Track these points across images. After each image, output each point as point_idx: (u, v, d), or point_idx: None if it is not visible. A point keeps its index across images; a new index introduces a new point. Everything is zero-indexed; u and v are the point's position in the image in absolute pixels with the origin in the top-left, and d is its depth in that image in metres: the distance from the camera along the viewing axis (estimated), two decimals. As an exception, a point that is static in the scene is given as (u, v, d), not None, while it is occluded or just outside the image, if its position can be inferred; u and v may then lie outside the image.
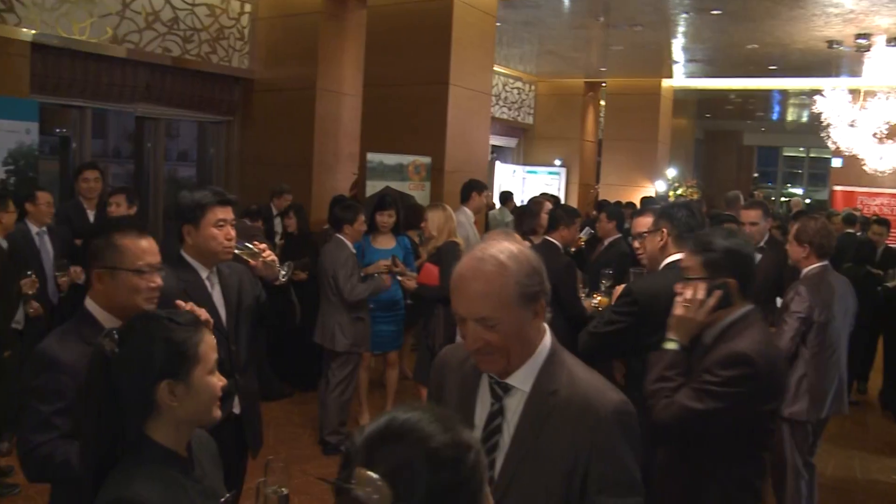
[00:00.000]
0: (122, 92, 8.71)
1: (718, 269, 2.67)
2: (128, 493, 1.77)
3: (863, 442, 6.95)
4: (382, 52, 8.70)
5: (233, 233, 3.29)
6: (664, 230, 3.45)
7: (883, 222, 8.90)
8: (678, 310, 2.71)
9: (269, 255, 3.36)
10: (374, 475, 1.13)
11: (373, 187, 8.04)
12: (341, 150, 9.95)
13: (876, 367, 8.55)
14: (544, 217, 6.76)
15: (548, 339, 2.00)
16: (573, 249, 6.84)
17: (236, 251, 3.31)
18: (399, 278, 6.03)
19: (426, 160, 8.33)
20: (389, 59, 8.61)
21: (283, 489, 2.15)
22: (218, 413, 2.00)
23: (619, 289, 3.63)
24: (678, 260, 3.37)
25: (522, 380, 1.95)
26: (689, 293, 2.65)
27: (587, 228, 7.64)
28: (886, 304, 7.95)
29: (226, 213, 3.28)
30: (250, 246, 3.35)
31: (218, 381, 1.98)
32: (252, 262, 3.35)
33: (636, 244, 4.58)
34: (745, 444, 2.63)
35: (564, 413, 1.89)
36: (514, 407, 1.95)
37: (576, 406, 1.89)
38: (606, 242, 6.59)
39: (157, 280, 2.61)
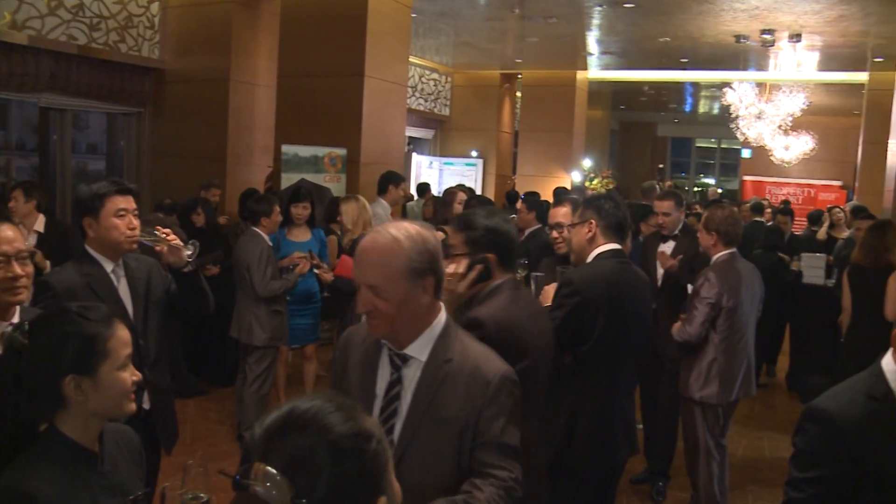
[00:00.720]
0: (24, 81, 8.36)
1: (479, 245, 2.84)
2: (19, 483, 1.76)
3: (771, 422, 7.19)
4: (297, 42, 8.59)
5: (135, 222, 3.20)
6: (592, 222, 3.50)
7: (786, 211, 9.19)
8: None
9: (174, 239, 3.27)
10: (273, 470, 1.11)
11: (288, 180, 7.95)
12: (256, 143, 9.80)
13: (783, 350, 8.85)
14: (457, 207, 6.81)
15: (443, 315, 2.19)
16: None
17: (140, 238, 3.22)
18: (316, 271, 5.97)
19: (342, 152, 8.27)
20: (304, 50, 8.51)
21: (202, 495, 2.10)
22: (131, 407, 1.99)
23: (550, 289, 3.65)
24: (611, 250, 3.48)
25: (419, 350, 2.13)
26: (451, 268, 2.79)
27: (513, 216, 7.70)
28: (793, 290, 8.23)
29: (126, 203, 3.19)
30: (155, 233, 3.26)
31: (130, 375, 1.96)
32: (157, 247, 3.27)
33: (554, 234, 4.64)
34: None
35: (457, 378, 2.08)
36: (411, 375, 2.13)
37: (467, 372, 2.10)
38: (527, 233, 6.64)
39: (17, 270, 2.51)
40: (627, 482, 5.53)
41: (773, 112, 14.19)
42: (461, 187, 7.27)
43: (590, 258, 3.53)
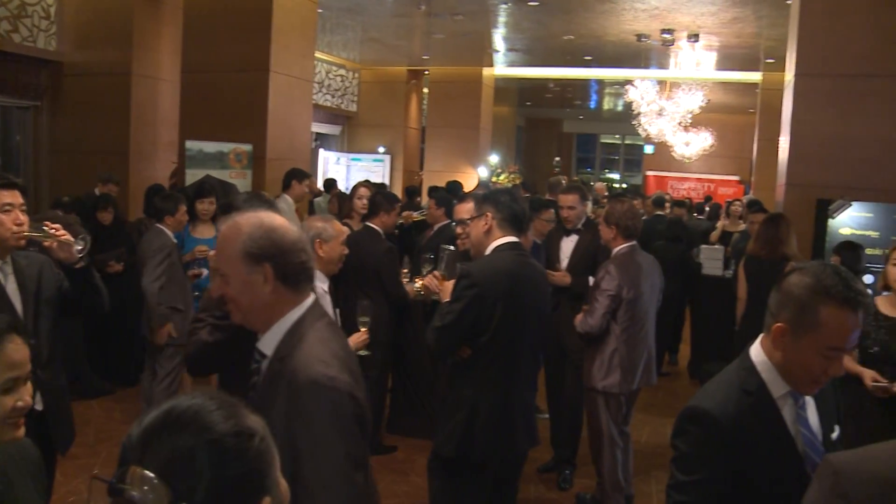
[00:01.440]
0: None
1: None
2: None
3: (674, 410, 7.30)
4: (201, 37, 8.43)
5: (22, 217, 3.09)
6: (489, 214, 3.54)
7: (681, 204, 9.48)
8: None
9: (64, 235, 3.18)
10: (150, 474, 1.06)
11: (193, 176, 7.80)
12: (159, 138, 9.59)
13: (685, 339, 9.11)
14: (357, 202, 6.81)
15: (299, 310, 2.09)
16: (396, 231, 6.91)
17: (27, 234, 3.12)
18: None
19: (247, 148, 8.16)
20: (208, 44, 8.36)
21: None
22: (15, 433, 1.89)
23: (449, 284, 3.68)
24: (509, 242, 3.52)
25: (268, 344, 2.09)
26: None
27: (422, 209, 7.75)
28: (694, 280, 8.50)
29: (12, 197, 3.08)
30: (44, 228, 3.16)
31: (11, 400, 1.83)
32: (46, 243, 3.17)
33: (459, 230, 4.68)
34: None
35: (279, 381, 1.97)
36: (264, 371, 2.09)
37: (287, 374, 1.97)
38: (436, 228, 6.69)
39: None
40: (534, 471, 5.64)
41: (673, 109, 14.59)
42: (365, 183, 7.26)
43: (488, 251, 3.56)
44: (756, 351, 2.06)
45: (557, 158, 27.11)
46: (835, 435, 2.11)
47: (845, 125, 6.67)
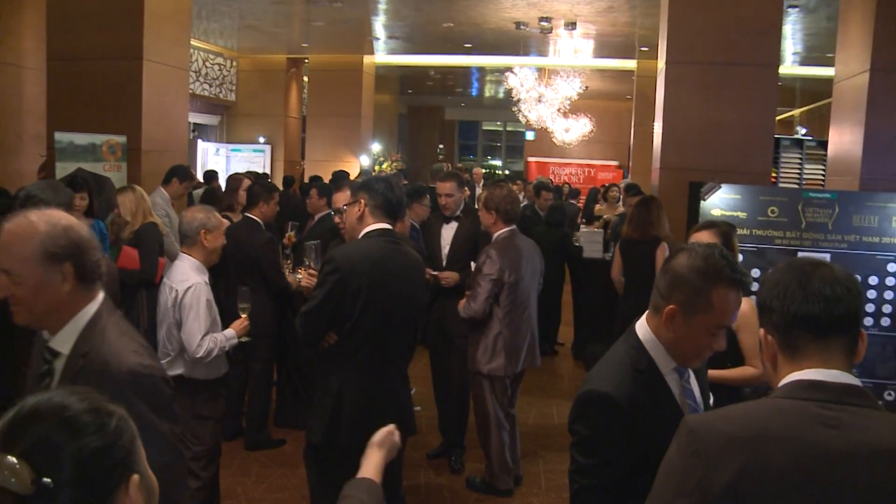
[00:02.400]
0: None
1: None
2: None
3: (559, 391, 7.57)
4: (67, 22, 8.02)
5: None
6: (362, 201, 3.52)
7: (547, 188, 9.71)
8: None
9: None
10: (12, 458, 1.07)
11: (63, 169, 7.44)
12: (25, 130, 9.14)
13: (566, 321, 9.31)
14: (242, 194, 6.69)
15: (94, 305, 2.10)
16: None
17: None
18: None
19: (121, 139, 7.86)
20: (75, 30, 7.96)
21: None
22: None
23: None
24: (380, 229, 3.49)
25: (62, 343, 2.06)
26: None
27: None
28: (575, 263, 8.70)
29: None
30: None
31: None
32: None
33: (337, 219, 4.64)
34: None
35: (89, 375, 1.97)
36: (59, 370, 2.06)
37: (97, 367, 1.99)
38: (317, 217, 6.63)
39: None
40: (424, 458, 5.67)
41: (552, 96, 14.86)
42: (247, 174, 7.15)
43: (360, 236, 3.54)
44: (643, 329, 2.12)
45: (441, 146, 27.24)
46: (711, 402, 2.25)
47: (713, 111, 6.96)
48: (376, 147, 18.29)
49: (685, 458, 1.53)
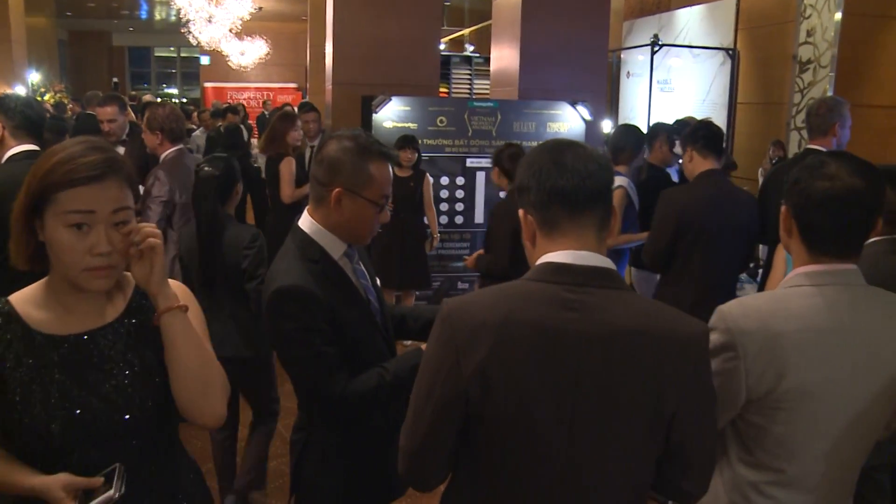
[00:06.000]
0: None
1: None
2: None
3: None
4: None
5: None
6: (1, 123, 3.24)
7: (234, 110, 9.56)
8: None
9: None
10: None
11: None
12: None
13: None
14: None
15: None
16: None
17: None
18: None
19: None
20: None
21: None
22: None
23: None
24: (25, 151, 3.29)
25: None
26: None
27: None
28: (255, 185, 8.60)
29: None
30: None
31: None
32: None
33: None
34: None
35: None
36: None
37: None
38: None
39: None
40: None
41: (223, 15, 14.34)
42: None
43: (2, 161, 3.33)
44: (308, 223, 2.18)
45: (116, 80, 25.29)
46: (379, 282, 2.37)
47: (381, 27, 7.11)
48: (35, 76, 16.68)
49: (440, 344, 1.58)
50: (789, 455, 1.81)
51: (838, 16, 7.56)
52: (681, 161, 5.12)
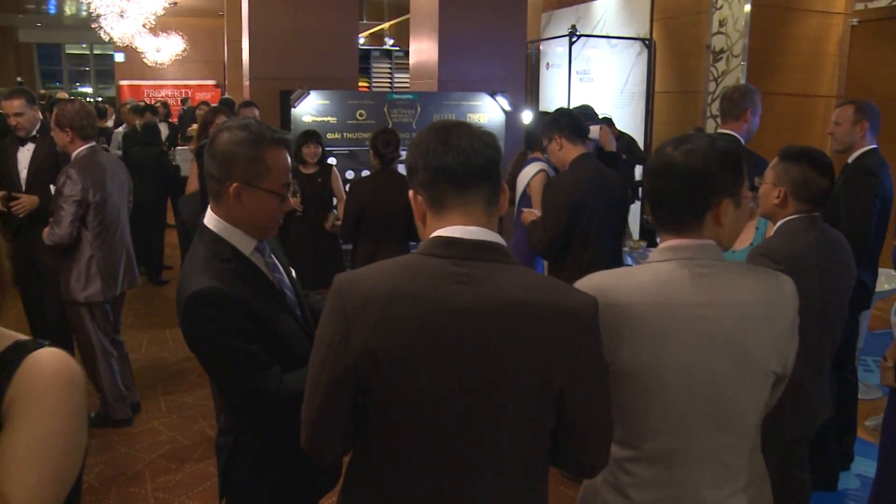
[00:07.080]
0: None
1: None
2: None
3: (172, 316, 7.39)
4: None
5: None
6: None
7: (153, 110, 9.44)
8: None
9: None
10: None
11: None
12: None
13: (173, 243, 9.07)
14: None
15: None
16: None
17: None
18: None
19: None
20: None
21: None
22: None
23: None
24: None
25: None
26: None
27: None
28: (172, 183, 8.49)
29: None
30: None
31: None
32: None
33: None
34: None
35: None
36: None
37: None
38: None
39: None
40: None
41: (136, 11, 13.99)
42: None
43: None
44: (213, 221, 2.11)
45: (20, 79, 24.41)
46: (294, 273, 2.34)
47: (298, 21, 7.07)
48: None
49: (332, 316, 1.58)
50: (642, 432, 1.83)
51: (748, 7, 7.76)
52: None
